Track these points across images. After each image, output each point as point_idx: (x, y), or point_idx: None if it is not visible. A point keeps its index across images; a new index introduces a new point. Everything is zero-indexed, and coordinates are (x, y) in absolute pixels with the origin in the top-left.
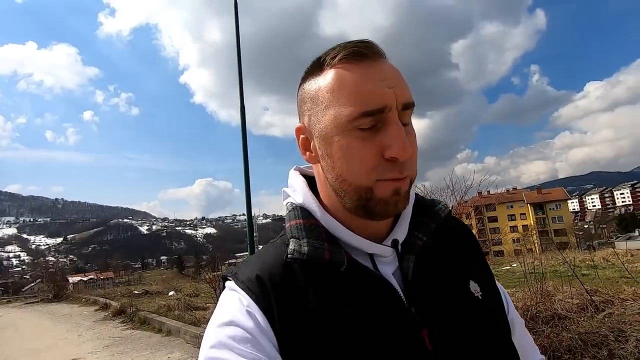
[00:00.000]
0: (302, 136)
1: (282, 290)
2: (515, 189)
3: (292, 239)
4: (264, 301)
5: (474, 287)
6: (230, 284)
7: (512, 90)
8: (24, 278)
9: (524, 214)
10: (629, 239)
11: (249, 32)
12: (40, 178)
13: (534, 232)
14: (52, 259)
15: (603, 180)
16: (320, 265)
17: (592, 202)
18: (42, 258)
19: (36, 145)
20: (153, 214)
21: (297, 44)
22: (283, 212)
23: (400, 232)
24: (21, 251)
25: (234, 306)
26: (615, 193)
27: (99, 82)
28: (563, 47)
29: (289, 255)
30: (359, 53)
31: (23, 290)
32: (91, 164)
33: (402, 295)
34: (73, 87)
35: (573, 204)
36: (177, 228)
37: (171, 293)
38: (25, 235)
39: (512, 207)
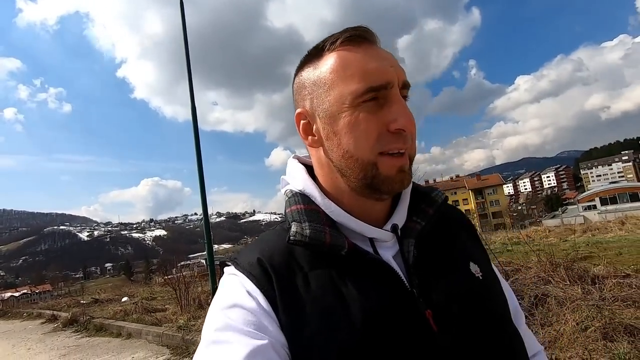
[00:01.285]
0: (303, 121)
1: (283, 273)
2: (458, 176)
3: (293, 223)
4: (266, 284)
5: (474, 267)
6: (229, 269)
7: (453, 83)
8: None
9: (466, 199)
10: (553, 217)
11: (194, 24)
12: None
13: (475, 215)
14: None
15: (533, 165)
16: (322, 249)
17: (525, 186)
18: None
19: None
20: (94, 219)
21: (244, 36)
22: (237, 210)
23: (400, 217)
24: None
25: (236, 289)
26: (542, 177)
27: (22, 76)
28: (496, 43)
29: (291, 238)
30: (360, 36)
31: None
32: (17, 167)
33: (404, 278)
34: None
35: (508, 188)
36: (122, 232)
37: (124, 299)
38: None
39: (455, 193)
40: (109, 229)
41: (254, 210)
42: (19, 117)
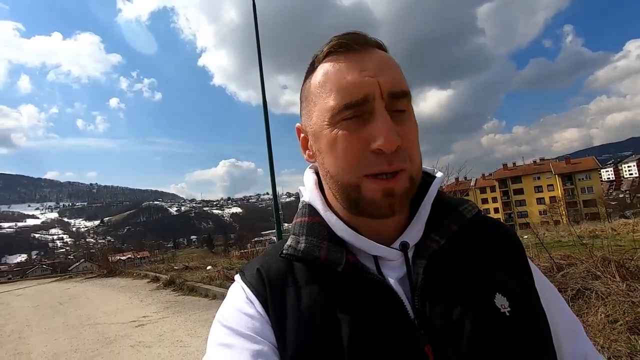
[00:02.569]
0: (301, 135)
1: (278, 285)
2: (543, 159)
3: (291, 236)
4: (262, 294)
5: (500, 300)
6: (237, 277)
7: (543, 53)
8: (68, 258)
9: (552, 185)
10: None
11: (264, 9)
12: (76, 164)
13: (562, 203)
14: (92, 240)
15: None
16: (315, 264)
17: (629, 170)
18: (82, 240)
19: (69, 133)
20: (181, 196)
21: (312, 17)
22: None
23: (413, 234)
24: (64, 234)
25: (238, 297)
26: None
27: (122, 69)
28: (600, 4)
29: (283, 252)
30: (342, 45)
31: (69, 269)
32: (119, 149)
33: (407, 304)
34: (98, 75)
35: (608, 173)
36: (204, 208)
37: (209, 267)
38: (65, 219)
39: (539, 178)
40: (193, 205)
41: None
42: (121, 105)
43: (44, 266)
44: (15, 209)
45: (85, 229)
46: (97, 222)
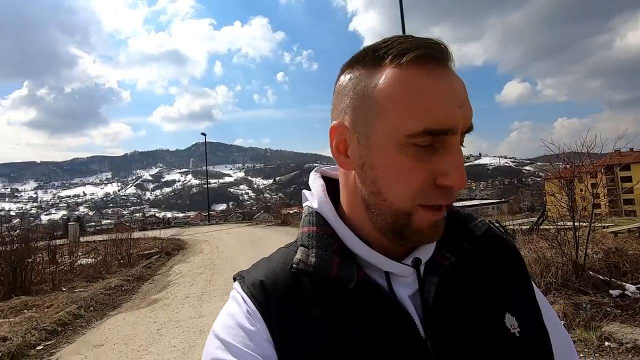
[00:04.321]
0: (338, 137)
1: (284, 300)
2: None
3: (301, 248)
4: (265, 309)
5: (510, 320)
6: (236, 285)
7: None
8: (252, 209)
9: None
10: None
11: None
12: (255, 132)
13: None
14: (268, 195)
15: None
16: (327, 279)
17: None
18: (261, 195)
19: (248, 106)
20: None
21: None
22: None
23: (425, 250)
24: (249, 189)
25: (238, 309)
26: None
27: (285, 45)
28: None
29: (294, 265)
30: (432, 57)
31: (254, 218)
32: (286, 117)
33: (418, 323)
34: (267, 53)
35: None
36: None
37: None
38: (249, 178)
39: None
40: None
41: (479, 154)
42: (286, 78)
43: (237, 214)
44: (217, 169)
45: (263, 186)
46: (271, 181)
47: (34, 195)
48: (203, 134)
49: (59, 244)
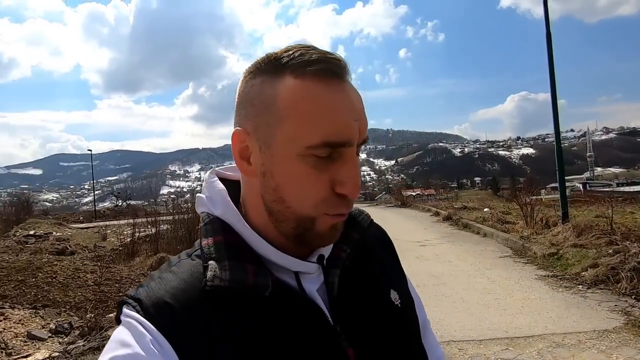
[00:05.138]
0: (241, 144)
1: (197, 321)
2: None
3: (211, 262)
4: (175, 334)
5: (394, 295)
6: (129, 312)
7: None
8: (374, 190)
9: None
10: None
11: None
12: (376, 113)
13: None
14: (390, 177)
15: None
16: (243, 291)
17: None
18: (383, 176)
19: (370, 87)
20: (465, 137)
21: None
22: (635, 124)
23: (327, 247)
24: (371, 170)
25: (137, 339)
26: None
27: (408, 19)
28: None
29: (208, 283)
30: (332, 72)
31: (375, 198)
32: (408, 96)
33: (327, 313)
34: (388, 30)
35: None
36: (489, 150)
37: (486, 210)
38: (371, 159)
39: None
40: (477, 146)
41: None
42: (408, 54)
43: (360, 195)
44: None
45: (385, 167)
46: (393, 162)
47: (198, 176)
48: None
49: None
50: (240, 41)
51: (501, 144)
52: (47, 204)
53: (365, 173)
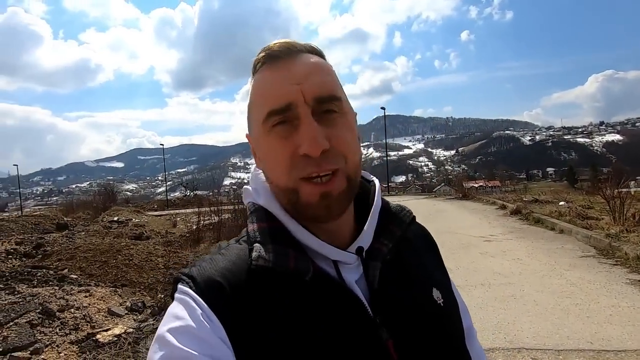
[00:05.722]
0: (251, 144)
1: (244, 299)
2: None
3: (256, 244)
4: (223, 310)
5: (436, 294)
6: (184, 287)
7: None
8: (432, 181)
9: None
10: None
11: None
12: (435, 101)
13: None
14: (450, 168)
15: None
16: (285, 273)
17: None
18: (442, 167)
19: (429, 74)
20: (535, 123)
21: None
22: None
23: (366, 239)
24: (428, 161)
25: (189, 313)
26: None
27: None
28: None
29: (253, 262)
30: (272, 55)
31: (434, 190)
32: (470, 81)
33: (366, 304)
34: (449, 12)
35: None
36: (565, 137)
37: (561, 203)
38: (429, 149)
39: None
40: (551, 133)
41: None
42: (471, 37)
43: (417, 186)
44: (396, 141)
45: (444, 157)
46: (453, 152)
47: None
48: (382, 108)
49: None
50: (295, 35)
51: (580, 130)
52: (128, 193)
53: (422, 163)
